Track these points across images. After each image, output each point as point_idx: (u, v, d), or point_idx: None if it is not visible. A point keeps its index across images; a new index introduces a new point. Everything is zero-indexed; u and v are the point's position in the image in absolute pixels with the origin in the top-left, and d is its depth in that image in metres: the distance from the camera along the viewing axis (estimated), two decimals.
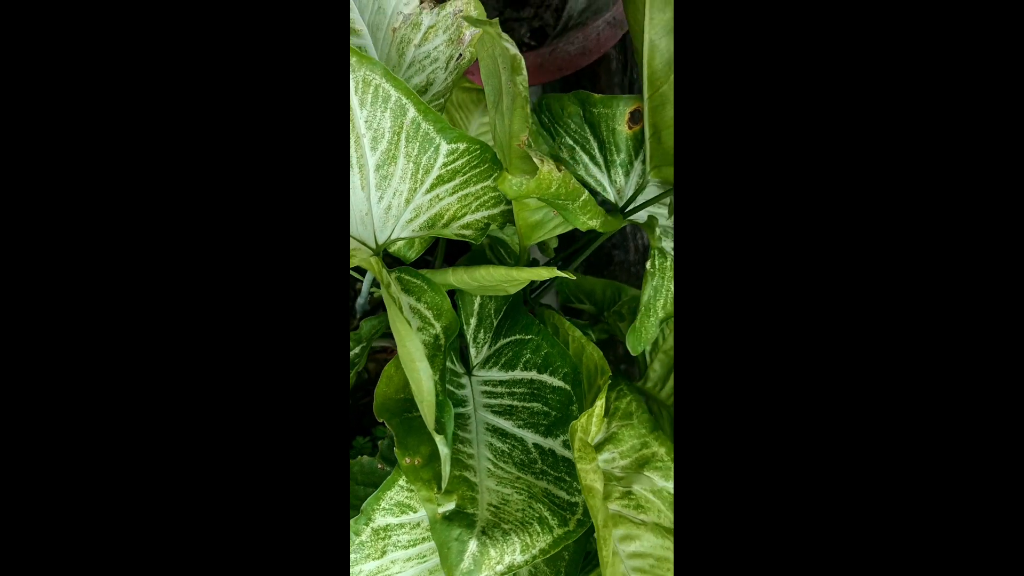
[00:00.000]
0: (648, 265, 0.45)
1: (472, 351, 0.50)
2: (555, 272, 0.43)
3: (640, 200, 0.50)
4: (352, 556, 0.38)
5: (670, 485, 0.45)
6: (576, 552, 0.43)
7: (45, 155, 0.30)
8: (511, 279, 0.44)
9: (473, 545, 0.35)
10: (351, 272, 0.56)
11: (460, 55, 0.48)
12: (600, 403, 0.41)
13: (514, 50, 0.35)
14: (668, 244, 0.48)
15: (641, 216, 0.50)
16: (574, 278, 0.43)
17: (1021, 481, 0.29)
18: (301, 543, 0.30)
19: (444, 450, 0.36)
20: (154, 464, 0.30)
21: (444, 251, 0.57)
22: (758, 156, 0.31)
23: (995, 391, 0.30)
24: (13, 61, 0.30)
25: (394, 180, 0.43)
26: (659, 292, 0.45)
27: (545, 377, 0.45)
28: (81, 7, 0.30)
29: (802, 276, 0.31)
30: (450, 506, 0.36)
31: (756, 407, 0.31)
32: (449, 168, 0.43)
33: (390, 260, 0.50)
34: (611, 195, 0.52)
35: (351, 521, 0.39)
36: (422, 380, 0.36)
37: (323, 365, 0.31)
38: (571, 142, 0.53)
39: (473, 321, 0.51)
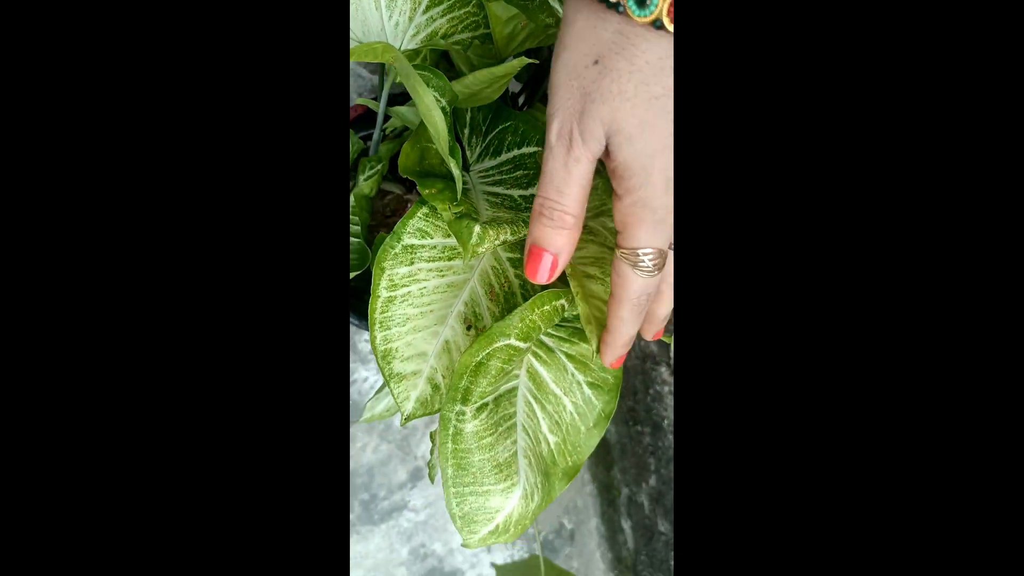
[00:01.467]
0: None
1: (468, 153, 0.65)
2: (524, 60, 0.58)
3: None
4: (388, 263, 0.53)
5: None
6: None
7: (37, 162, 0.31)
8: (494, 76, 0.59)
9: (477, 228, 0.49)
10: (368, 104, 0.70)
11: None
12: None
13: None
14: None
15: None
16: (537, 62, 0.57)
17: (1021, 481, 0.30)
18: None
19: (456, 171, 0.50)
20: (144, 402, 0.32)
21: None
22: (756, 145, 0.33)
23: (995, 392, 0.30)
24: (13, 61, 0.31)
25: (399, 3, 0.57)
26: None
27: (524, 149, 0.60)
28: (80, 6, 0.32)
29: (800, 273, 0.33)
30: (460, 210, 0.51)
31: (754, 402, 0.33)
32: None
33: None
34: None
35: (388, 238, 0.53)
36: (437, 122, 0.50)
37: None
38: None
39: (467, 131, 0.65)
